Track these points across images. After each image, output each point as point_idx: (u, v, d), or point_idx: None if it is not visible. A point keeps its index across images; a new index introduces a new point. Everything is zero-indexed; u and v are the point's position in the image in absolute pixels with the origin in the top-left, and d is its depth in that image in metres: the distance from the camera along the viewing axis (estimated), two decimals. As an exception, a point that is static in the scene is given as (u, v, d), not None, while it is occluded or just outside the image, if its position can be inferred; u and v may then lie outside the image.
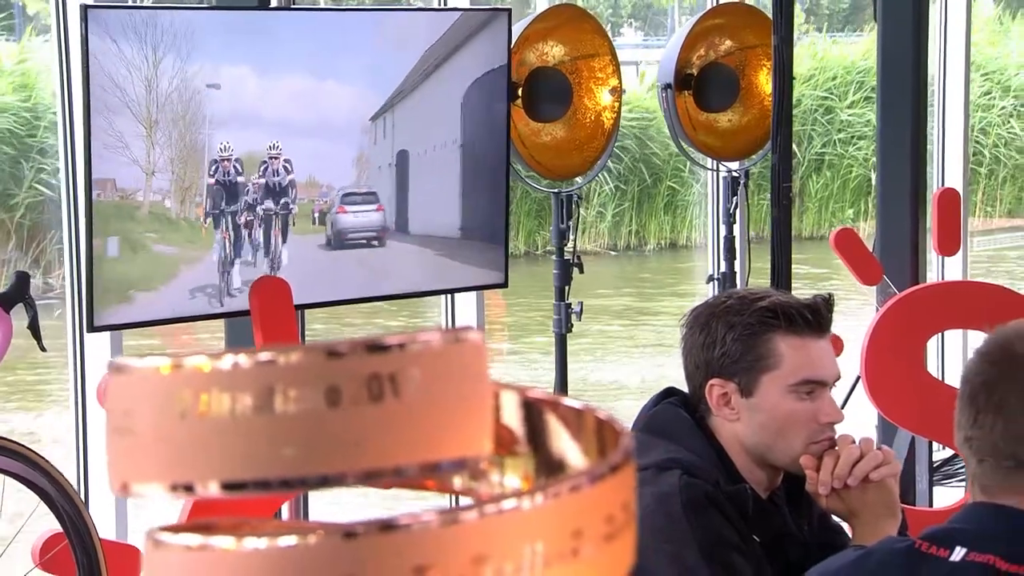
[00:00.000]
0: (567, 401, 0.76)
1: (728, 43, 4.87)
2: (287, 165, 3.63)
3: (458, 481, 0.77)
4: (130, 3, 4.73)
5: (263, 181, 3.60)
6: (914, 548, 1.75)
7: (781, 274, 3.67)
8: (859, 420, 4.87)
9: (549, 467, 0.76)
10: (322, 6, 9.63)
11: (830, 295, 2.38)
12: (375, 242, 3.80)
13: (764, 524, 2.25)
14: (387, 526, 0.65)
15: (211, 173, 3.54)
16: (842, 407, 5.17)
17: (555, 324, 4.52)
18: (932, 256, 5.75)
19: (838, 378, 2.33)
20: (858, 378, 4.82)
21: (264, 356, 0.64)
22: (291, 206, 3.66)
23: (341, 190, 3.71)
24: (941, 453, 5.52)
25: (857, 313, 6.80)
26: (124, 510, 3.95)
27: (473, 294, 4.69)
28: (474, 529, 0.66)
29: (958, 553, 1.70)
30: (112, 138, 3.35)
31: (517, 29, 4.30)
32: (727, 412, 2.28)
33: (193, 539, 0.66)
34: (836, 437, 2.27)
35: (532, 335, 10.01)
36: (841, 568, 1.81)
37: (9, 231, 11.12)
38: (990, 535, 1.71)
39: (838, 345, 5.09)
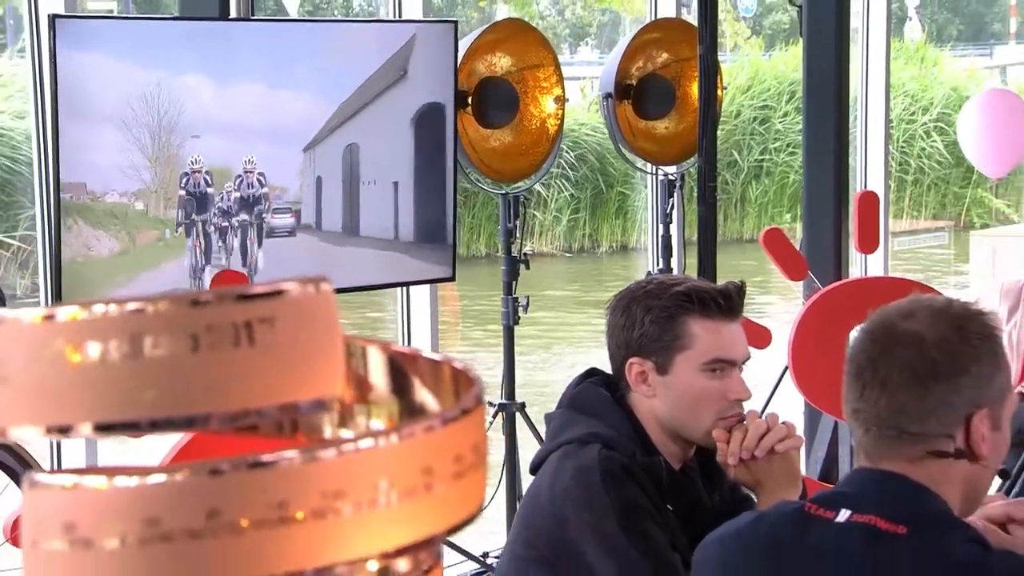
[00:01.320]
0: (426, 354, 0.77)
1: (664, 56, 4.88)
2: (261, 178, 3.63)
3: (328, 428, 0.78)
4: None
5: (239, 193, 3.60)
6: (803, 510, 1.75)
7: (707, 266, 3.69)
8: (787, 405, 4.89)
9: (411, 412, 0.77)
10: (279, 17, 9.65)
11: (742, 282, 2.39)
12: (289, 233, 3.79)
13: (678, 494, 2.25)
14: (252, 464, 0.66)
15: (182, 184, 3.53)
16: (771, 394, 5.22)
17: (503, 316, 4.54)
18: (855, 254, 5.77)
19: (747, 358, 2.33)
20: (786, 367, 4.83)
21: (132, 305, 0.65)
22: (264, 215, 3.66)
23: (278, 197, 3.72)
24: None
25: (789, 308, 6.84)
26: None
27: (427, 288, 4.71)
28: (332, 466, 0.67)
29: (843, 515, 1.70)
30: (83, 144, 3.34)
31: (467, 41, 4.31)
32: (644, 389, 2.28)
33: (67, 479, 0.66)
34: (744, 413, 2.28)
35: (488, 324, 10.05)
36: (738, 529, 1.82)
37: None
38: (872, 498, 1.71)
39: (766, 337, 5.12)
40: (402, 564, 0.74)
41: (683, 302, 2.26)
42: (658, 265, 5.15)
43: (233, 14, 3.57)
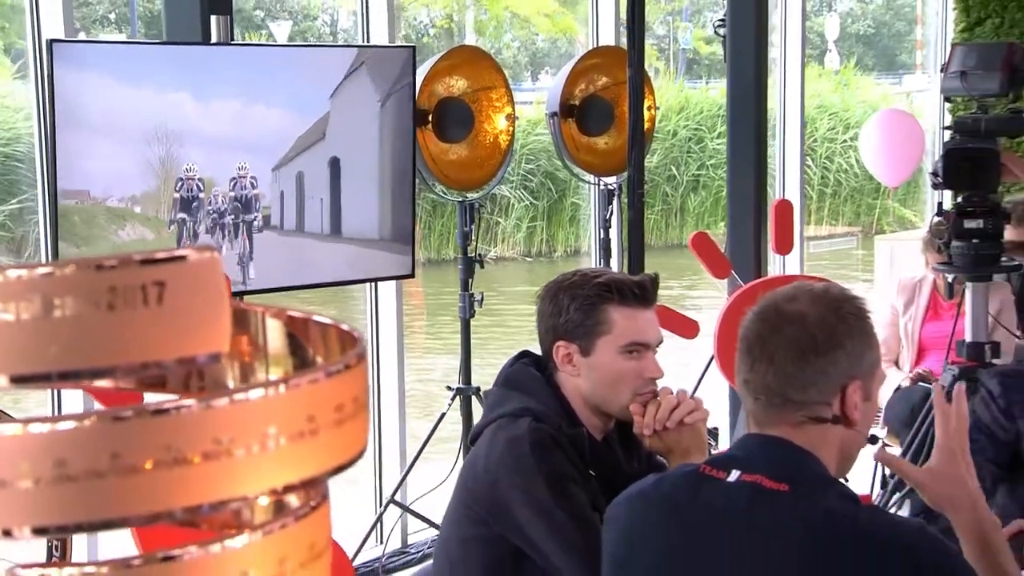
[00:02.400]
0: (317, 317, 0.77)
1: (604, 79, 4.89)
2: (253, 181, 3.62)
3: (231, 384, 0.79)
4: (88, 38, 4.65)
5: (232, 194, 3.59)
6: (699, 471, 1.76)
7: (636, 262, 3.69)
8: (713, 388, 4.92)
9: (303, 368, 0.77)
10: (255, 42, 9.60)
11: (656, 275, 2.40)
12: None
13: (599, 461, 2.26)
14: (153, 411, 0.66)
15: (177, 189, 3.52)
16: (700, 378, 5.23)
17: (460, 311, 4.54)
18: (773, 255, 5.79)
19: (660, 342, 2.34)
20: (712, 357, 4.85)
21: (43, 270, 0.65)
22: (256, 215, 3.65)
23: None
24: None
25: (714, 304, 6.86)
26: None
27: (393, 284, 4.71)
28: (225, 413, 0.67)
29: (734, 475, 1.72)
30: (83, 153, 3.33)
31: (427, 66, 4.31)
32: (570, 369, 2.29)
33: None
34: (658, 389, 2.29)
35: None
36: (642, 489, 1.83)
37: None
38: (759, 459, 1.73)
39: (695, 328, 5.14)
40: (292, 500, 0.75)
41: (603, 292, 2.27)
42: (600, 265, 5.17)
43: (214, 39, 3.55)
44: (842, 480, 1.78)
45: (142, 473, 0.66)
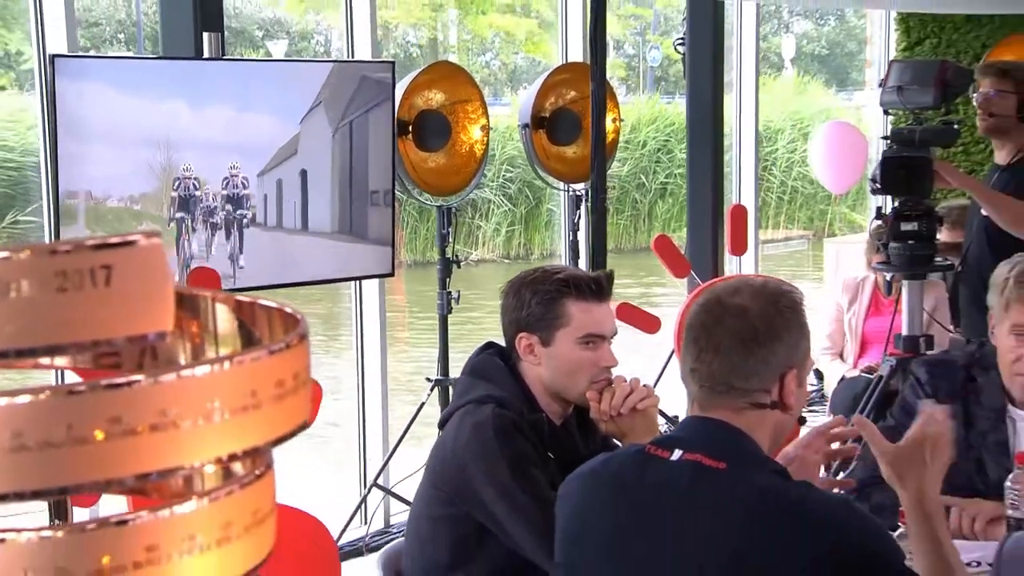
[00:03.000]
0: (263, 301, 0.77)
1: (572, 93, 4.89)
2: (244, 181, 3.61)
3: (183, 361, 0.79)
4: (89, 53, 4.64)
5: (225, 192, 3.58)
6: (644, 451, 1.76)
7: (599, 260, 3.70)
8: (674, 380, 4.91)
9: (250, 347, 0.77)
10: (244, 57, 9.59)
11: (611, 272, 2.41)
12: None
13: (558, 445, 2.26)
14: (105, 386, 0.66)
15: (175, 188, 3.51)
16: (662, 370, 5.22)
17: (438, 307, 4.54)
18: (730, 256, 5.81)
19: (615, 333, 2.34)
20: (673, 350, 4.86)
21: (2, 254, 0.65)
22: (246, 211, 3.65)
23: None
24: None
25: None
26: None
27: (376, 283, 4.71)
28: (172, 387, 0.67)
29: (676, 454, 1.72)
30: (85, 158, 3.32)
31: (408, 80, 4.31)
32: (531, 359, 2.29)
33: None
34: (613, 377, 2.29)
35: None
36: (592, 468, 1.83)
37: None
38: (700, 440, 1.73)
39: (657, 324, 5.15)
40: (238, 468, 0.75)
41: (562, 287, 2.27)
42: (569, 265, 5.18)
43: (207, 54, 3.55)
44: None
45: (94, 443, 0.66)
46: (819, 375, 5.27)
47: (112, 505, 3.28)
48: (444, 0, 16.55)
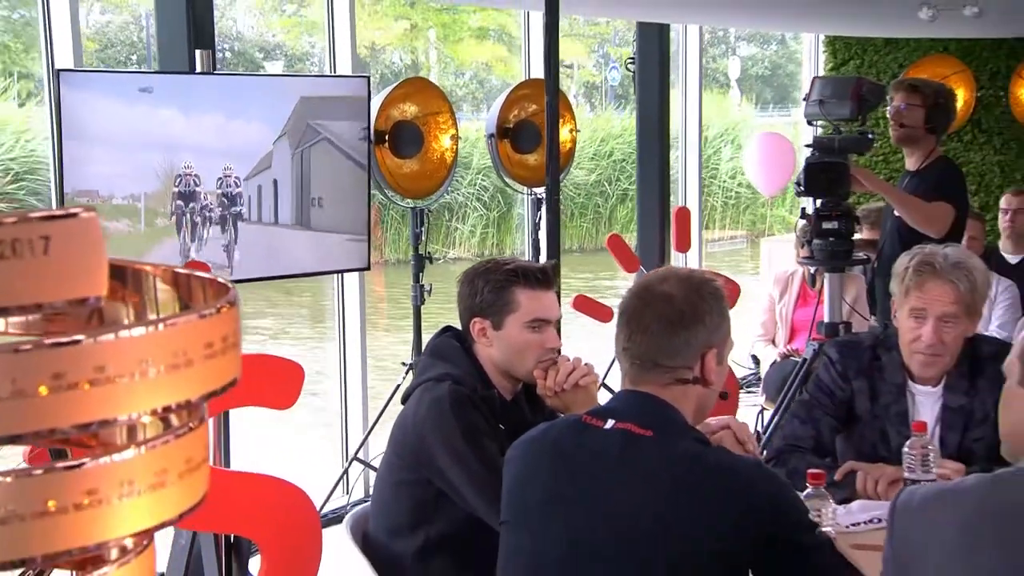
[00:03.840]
0: (199, 273, 0.78)
1: (533, 107, 4.88)
2: (237, 180, 3.59)
3: (126, 322, 0.79)
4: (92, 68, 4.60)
5: (220, 191, 3.57)
6: (581, 420, 1.77)
7: (552, 254, 3.68)
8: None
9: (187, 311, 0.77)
10: (232, 72, 9.54)
11: (556, 262, 2.42)
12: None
13: (508, 417, 2.26)
14: (50, 344, 0.66)
15: (176, 184, 3.49)
16: (614, 359, 5.24)
17: (412, 299, 4.53)
18: (675, 253, 5.82)
19: (559, 318, 2.35)
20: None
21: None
22: (240, 208, 3.63)
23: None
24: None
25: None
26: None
27: (356, 277, 4.71)
28: (110, 346, 0.67)
29: (609, 423, 1.73)
30: (91, 160, 3.31)
31: (384, 94, 4.30)
32: (484, 341, 2.29)
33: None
34: (557, 357, 2.30)
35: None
36: (534, 435, 1.83)
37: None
38: (630, 411, 1.74)
39: (609, 314, 5.16)
40: (173, 420, 0.75)
41: (512, 277, 2.28)
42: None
43: (199, 69, 3.53)
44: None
45: (37, 397, 0.66)
46: (756, 360, 5.30)
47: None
48: (425, 25, 16.51)
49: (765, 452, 2.62)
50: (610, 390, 4.55)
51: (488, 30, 17.10)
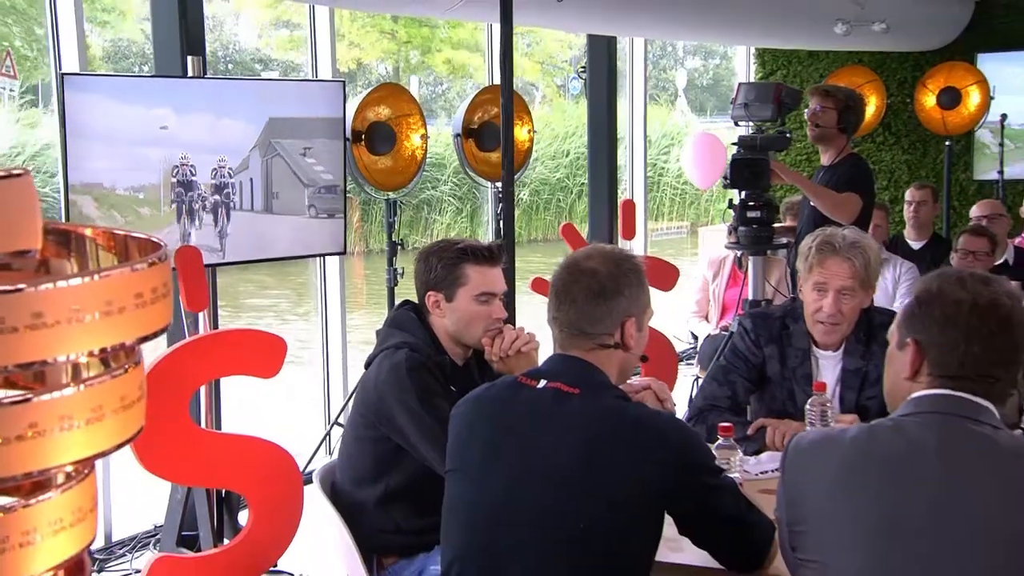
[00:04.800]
0: (136, 233, 0.78)
1: (495, 109, 4.87)
2: (230, 171, 3.57)
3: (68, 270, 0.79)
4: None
5: (214, 182, 3.54)
6: (517, 381, 1.78)
7: (508, 240, 3.69)
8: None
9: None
10: (220, 76, 9.45)
11: (501, 242, 2.42)
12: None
13: (460, 381, 2.26)
14: (-6, 294, 0.66)
15: (174, 174, 3.46)
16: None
17: (387, 280, 4.52)
18: (622, 240, 5.82)
19: (504, 291, 2.34)
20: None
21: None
22: (232, 197, 3.60)
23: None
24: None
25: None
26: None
27: (337, 261, 4.69)
28: (48, 294, 0.68)
29: (542, 383, 1.74)
30: (93, 156, 3.28)
31: (360, 98, 4.28)
32: (438, 312, 2.29)
33: None
34: (503, 327, 2.30)
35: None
36: (478, 394, 1.83)
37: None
38: (560, 372, 1.74)
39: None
40: (111, 362, 0.76)
41: (462, 254, 2.28)
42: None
43: (190, 73, 3.50)
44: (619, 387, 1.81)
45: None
46: (693, 335, 5.33)
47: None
48: (409, 38, 16.41)
49: (688, 410, 2.65)
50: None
51: (462, 43, 17.04)
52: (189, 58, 3.57)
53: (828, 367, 2.48)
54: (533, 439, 1.70)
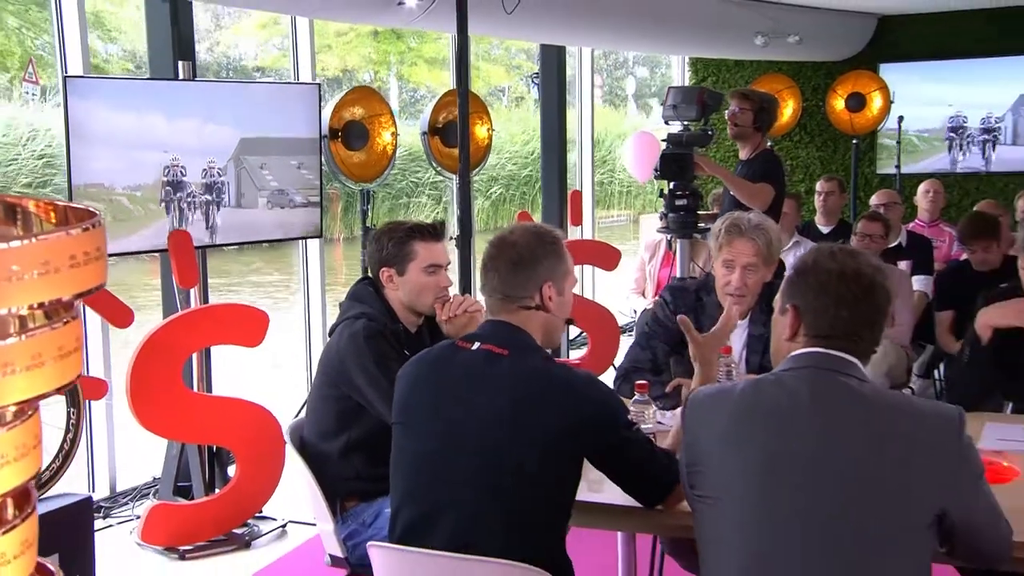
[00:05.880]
0: (74, 204, 0.78)
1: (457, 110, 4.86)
2: (220, 171, 3.53)
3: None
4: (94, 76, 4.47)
5: (204, 180, 3.51)
6: (455, 344, 1.78)
7: (466, 228, 3.70)
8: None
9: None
10: (209, 79, 9.35)
11: (443, 220, 2.42)
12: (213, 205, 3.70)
13: (412, 346, 2.25)
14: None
15: (164, 174, 3.42)
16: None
17: (362, 262, 4.50)
18: (571, 227, 5.83)
19: (448, 263, 2.34)
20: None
21: None
22: (222, 195, 3.57)
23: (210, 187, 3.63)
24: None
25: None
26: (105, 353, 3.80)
27: (317, 244, 4.66)
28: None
29: (476, 345, 1.74)
30: (99, 156, 3.23)
31: (336, 99, 4.25)
32: (391, 286, 2.29)
33: None
34: (450, 294, 2.30)
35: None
36: (421, 356, 1.82)
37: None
38: (491, 335, 1.75)
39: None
40: (52, 316, 0.76)
41: (410, 232, 2.28)
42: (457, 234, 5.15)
43: (181, 77, 3.46)
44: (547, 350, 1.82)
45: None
46: (634, 311, 5.37)
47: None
48: (387, 52, 16.26)
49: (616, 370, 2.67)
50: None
51: (437, 59, 16.93)
52: (180, 63, 3.53)
53: (736, 333, 2.51)
54: (468, 396, 1.70)
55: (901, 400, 1.45)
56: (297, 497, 3.44)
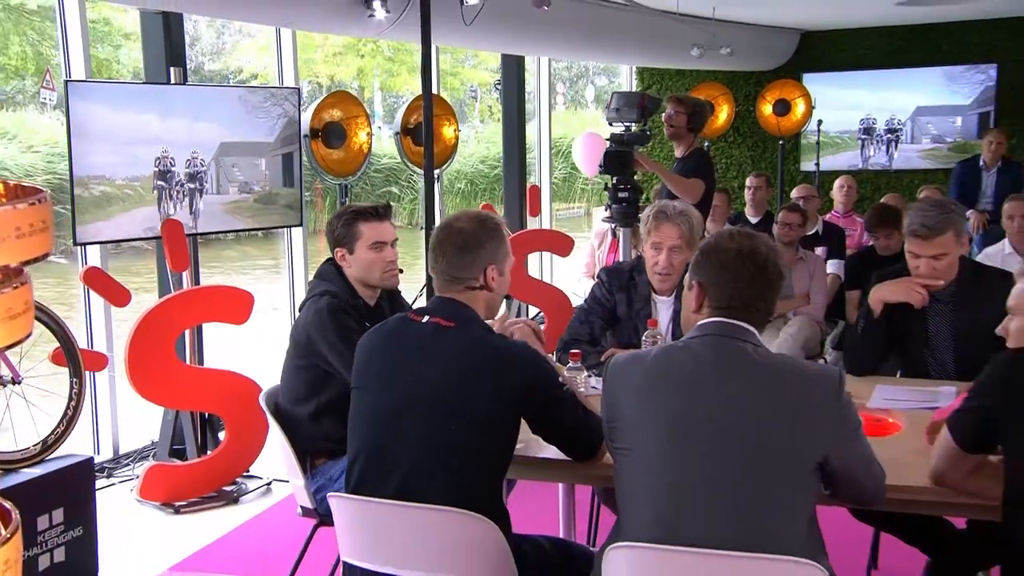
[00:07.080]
0: (25, 183, 0.77)
1: (428, 113, 4.83)
2: (202, 162, 3.49)
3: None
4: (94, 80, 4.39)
5: (188, 171, 3.46)
6: (407, 316, 1.78)
7: (431, 218, 3.68)
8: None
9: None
10: (199, 83, 9.22)
11: (388, 203, 2.41)
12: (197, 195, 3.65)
13: (372, 318, 2.25)
14: None
15: (156, 165, 3.37)
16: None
17: (343, 252, 4.49)
18: (529, 217, 5.82)
19: (395, 240, 2.33)
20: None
21: None
22: (205, 184, 3.53)
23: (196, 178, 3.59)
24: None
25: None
26: (104, 333, 3.75)
27: (300, 233, 4.63)
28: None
29: (425, 318, 1.74)
30: (98, 151, 3.18)
31: (316, 102, 4.21)
32: (345, 264, 2.29)
33: None
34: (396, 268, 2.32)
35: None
36: (378, 327, 1.81)
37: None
38: (439, 310, 1.75)
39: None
40: (3, 283, 0.75)
41: (356, 215, 2.28)
42: (423, 224, 5.12)
43: (172, 81, 3.41)
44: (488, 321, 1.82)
45: None
46: (586, 292, 5.38)
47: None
48: (373, 63, 16.09)
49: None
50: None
51: (418, 66, 16.80)
52: (171, 68, 3.47)
53: (664, 309, 2.54)
54: (418, 364, 1.70)
55: (789, 363, 1.48)
56: (277, 457, 3.43)
